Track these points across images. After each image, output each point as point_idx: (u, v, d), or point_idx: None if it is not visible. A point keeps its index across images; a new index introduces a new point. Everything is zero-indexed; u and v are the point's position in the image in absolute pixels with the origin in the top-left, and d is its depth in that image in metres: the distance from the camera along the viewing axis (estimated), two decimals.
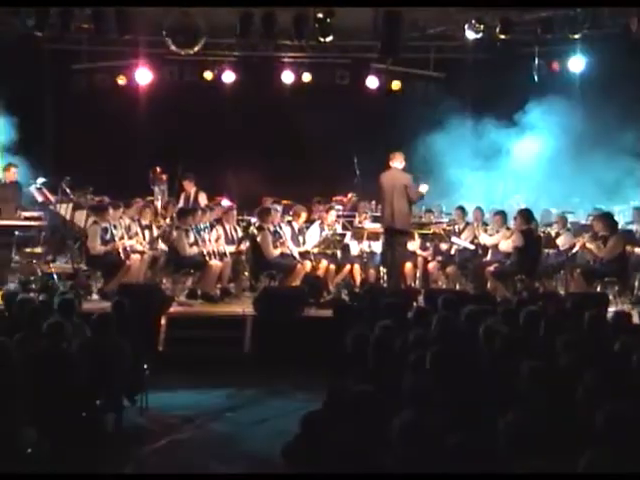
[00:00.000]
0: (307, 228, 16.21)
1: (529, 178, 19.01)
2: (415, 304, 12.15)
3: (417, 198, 14.82)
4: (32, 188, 16.84)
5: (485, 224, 16.14)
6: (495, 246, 15.47)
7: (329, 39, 16.64)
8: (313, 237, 15.97)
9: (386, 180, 14.66)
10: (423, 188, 14.76)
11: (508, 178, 19.16)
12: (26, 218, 16.01)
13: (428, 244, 16.25)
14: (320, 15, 16.23)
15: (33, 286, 14.44)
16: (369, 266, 15.95)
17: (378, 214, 15.83)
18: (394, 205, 14.52)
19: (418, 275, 16.15)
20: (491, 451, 5.12)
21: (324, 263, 15.61)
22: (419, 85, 20.38)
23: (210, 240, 15.36)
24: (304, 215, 16.19)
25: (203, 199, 17.60)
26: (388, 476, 5.21)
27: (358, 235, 15.93)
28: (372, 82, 20.13)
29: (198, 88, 19.89)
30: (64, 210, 16.49)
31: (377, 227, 15.61)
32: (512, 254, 15.05)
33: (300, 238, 15.88)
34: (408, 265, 15.58)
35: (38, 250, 15.94)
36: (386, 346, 7.88)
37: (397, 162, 14.71)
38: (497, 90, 18.75)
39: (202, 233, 15.27)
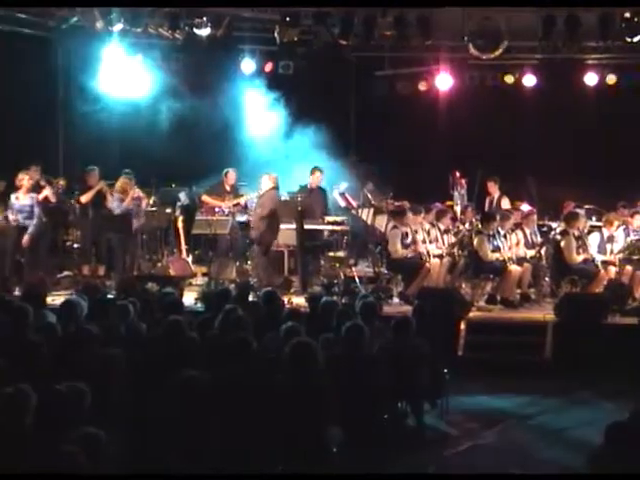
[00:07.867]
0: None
1: None
2: None
3: None
4: (335, 193, 17.32)
5: None
6: None
7: (637, 39, 16.13)
8: (618, 242, 15.50)
9: None
10: None
11: None
12: (330, 223, 16.50)
13: None
14: (627, 14, 15.77)
15: (336, 289, 14.85)
16: None
17: None
18: None
19: None
20: None
21: (629, 269, 15.11)
22: None
23: (510, 245, 15.24)
24: (616, 224, 15.67)
25: (506, 203, 17.55)
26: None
27: None
28: None
29: (499, 92, 19.75)
30: (366, 215, 16.83)
31: None
32: None
33: (608, 246, 15.37)
34: None
35: (341, 254, 16.37)
36: None
37: None
38: None
39: (503, 238, 15.17)
